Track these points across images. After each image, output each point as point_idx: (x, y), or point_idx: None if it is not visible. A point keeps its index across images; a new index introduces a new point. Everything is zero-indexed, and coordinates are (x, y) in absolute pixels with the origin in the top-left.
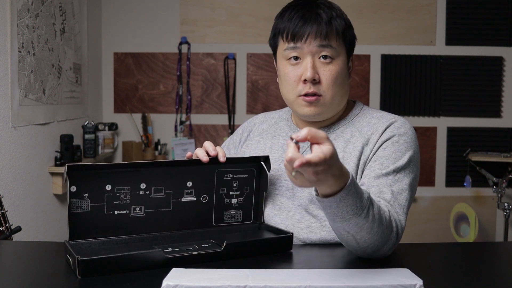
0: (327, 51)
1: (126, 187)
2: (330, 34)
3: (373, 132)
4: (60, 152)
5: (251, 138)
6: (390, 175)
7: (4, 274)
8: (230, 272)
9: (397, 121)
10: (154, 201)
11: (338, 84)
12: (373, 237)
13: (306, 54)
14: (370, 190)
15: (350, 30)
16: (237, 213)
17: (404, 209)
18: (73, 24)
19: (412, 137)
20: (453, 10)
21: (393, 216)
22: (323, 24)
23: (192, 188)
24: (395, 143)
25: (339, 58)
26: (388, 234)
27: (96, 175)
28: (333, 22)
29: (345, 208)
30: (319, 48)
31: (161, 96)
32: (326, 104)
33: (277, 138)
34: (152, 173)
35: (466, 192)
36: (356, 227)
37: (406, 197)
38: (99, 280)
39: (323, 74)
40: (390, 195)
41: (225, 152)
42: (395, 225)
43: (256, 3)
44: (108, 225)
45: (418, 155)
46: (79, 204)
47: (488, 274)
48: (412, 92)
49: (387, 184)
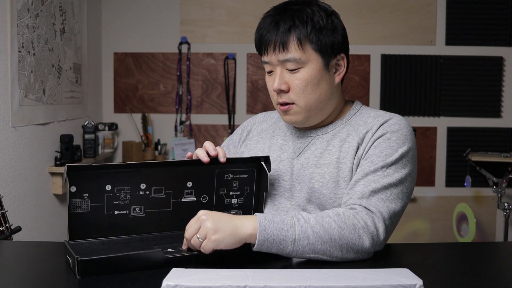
0: (289, 64)
1: (126, 187)
2: (289, 43)
3: (368, 130)
4: (60, 152)
5: (250, 138)
6: (379, 171)
7: (4, 274)
8: (230, 272)
9: (392, 118)
10: (154, 201)
11: (310, 90)
12: (329, 249)
13: (275, 65)
14: (356, 188)
15: (324, 32)
16: (237, 213)
17: (386, 203)
18: (73, 24)
19: (407, 134)
20: (453, 10)
21: (357, 215)
22: (279, 34)
23: (192, 188)
24: (387, 140)
25: (308, 65)
26: (348, 237)
27: (96, 175)
28: (293, 30)
29: (274, 248)
30: (280, 61)
31: (161, 96)
32: (301, 111)
33: (275, 138)
34: (152, 173)
35: (466, 192)
36: (298, 254)
37: (394, 192)
38: (99, 280)
39: (291, 82)
40: (370, 190)
41: (225, 152)
42: (360, 223)
43: (256, 3)
44: (108, 225)
45: (413, 152)
46: (79, 204)
47: (488, 274)
48: (412, 92)
49: (373, 180)
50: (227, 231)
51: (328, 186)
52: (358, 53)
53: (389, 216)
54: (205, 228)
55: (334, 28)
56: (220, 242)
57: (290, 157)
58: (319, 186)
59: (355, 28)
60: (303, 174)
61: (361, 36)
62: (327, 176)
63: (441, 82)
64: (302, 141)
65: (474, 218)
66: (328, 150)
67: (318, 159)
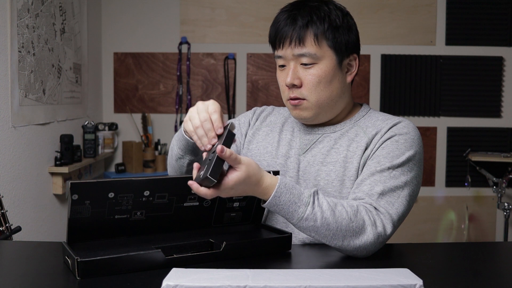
0: (304, 58)
1: (129, 195)
2: (306, 38)
3: (377, 132)
4: (60, 152)
5: (258, 126)
6: (385, 172)
7: (4, 274)
8: (230, 272)
9: (401, 122)
10: (156, 206)
11: (323, 87)
12: (332, 236)
13: (288, 60)
14: (362, 187)
15: (340, 30)
16: (237, 214)
17: (394, 205)
18: (73, 24)
19: (415, 138)
20: (453, 10)
21: (369, 213)
22: (297, 29)
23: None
24: (395, 142)
25: (322, 61)
26: (354, 230)
27: (100, 184)
28: (310, 25)
29: (281, 214)
30: (295, 55)
31: (161, 96)
32: (312, 107)
33: (284, 133)
34: (157, 182)
35: (466, 192)
36: (300, 229)
37: (402, 195)
38: (99, 281)
39: (304, 78)
40: (378, 191)
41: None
42: (370, 221)
43: (256, 3)
44: (107, 228)
45: (420, 156)
46: (80, 210)
47: (488, 274)
48: (412, 92)
49: (380, 180)
50: (246, 193)
51: (333, 185)
52: None
53: (397, 218)
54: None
55: (349, 27)
56: (233, 195)
57: (297, 153)
58: (324, 184)
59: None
60: (309, 171)
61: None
62: (333, 174)
63: (441, 82)
64: (309, 138)
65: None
66: (335, 149)
67: (324, 157)
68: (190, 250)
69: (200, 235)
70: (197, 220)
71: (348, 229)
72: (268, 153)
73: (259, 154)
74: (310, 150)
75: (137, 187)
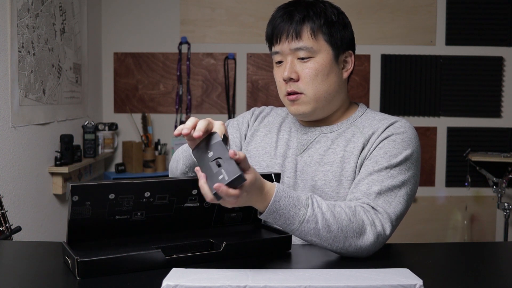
0: (301, 52)
1: (130, 196)
2: (303, 32)
3: (374, 132)
4: (60, 152)
5: (256, 127)
6: (383, 171)
7: (4, 274)
8: (230, 272)
9: (398, 121)
10: (156, 207)
11: (320, 80)
12: (333, 238)
13: (285, 55)
14: (360, 187)
15: (336, 26)
16: (237, 215)
17: (392, 205)
18: (73, 24)
19: (412, 137)
20: (453, 10)
21: (367, 212)
22: (294, 24)
23: (197, 195)
24: (392, 142)
25: (319, 55)
26: (354, 231)
27: (100, 186)
28: (306, 20)
29: (281, 221)
30: (292, 49)
31: (161, 96)
32: (310, 101)
33: (282, 133)
34: (158, 184)
35: (466, 192)
36: (301, 235)
37: (399, 194)
38: (99, 281)
39: (301, 71)
40: (376, 191)
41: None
42: (369, 221)
43: (256, 3)
44: (108, 229)
45: (417, 155)
46: (80, 211)
47: (488, 274)
48: (412, 92)
49: (378, 180)
50: (250, 200)
51: (330, 185)
52: (358, 53)
53: (396, 217)
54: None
55: (345, 24)
56: (244, 201)
57: (294, 154)
58: (321, 184)
59: (355, 28)
60: (306, 171)
61: (361, 36)
62: (330, 174)
63: (441, 82)
64: (306, 138)
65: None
66: (332, 149)
67: (321, 157)
68: (190, 250)
69: (200, 235)
70: (197, 221)
71: (349, 229)
72: (267, 154)
73: (258, 154)
74: (307, 150)
75: (138, 189)
